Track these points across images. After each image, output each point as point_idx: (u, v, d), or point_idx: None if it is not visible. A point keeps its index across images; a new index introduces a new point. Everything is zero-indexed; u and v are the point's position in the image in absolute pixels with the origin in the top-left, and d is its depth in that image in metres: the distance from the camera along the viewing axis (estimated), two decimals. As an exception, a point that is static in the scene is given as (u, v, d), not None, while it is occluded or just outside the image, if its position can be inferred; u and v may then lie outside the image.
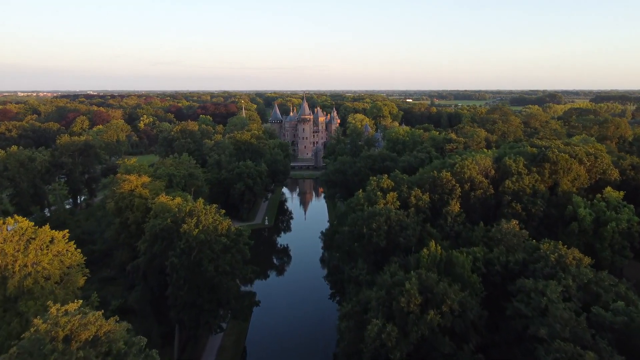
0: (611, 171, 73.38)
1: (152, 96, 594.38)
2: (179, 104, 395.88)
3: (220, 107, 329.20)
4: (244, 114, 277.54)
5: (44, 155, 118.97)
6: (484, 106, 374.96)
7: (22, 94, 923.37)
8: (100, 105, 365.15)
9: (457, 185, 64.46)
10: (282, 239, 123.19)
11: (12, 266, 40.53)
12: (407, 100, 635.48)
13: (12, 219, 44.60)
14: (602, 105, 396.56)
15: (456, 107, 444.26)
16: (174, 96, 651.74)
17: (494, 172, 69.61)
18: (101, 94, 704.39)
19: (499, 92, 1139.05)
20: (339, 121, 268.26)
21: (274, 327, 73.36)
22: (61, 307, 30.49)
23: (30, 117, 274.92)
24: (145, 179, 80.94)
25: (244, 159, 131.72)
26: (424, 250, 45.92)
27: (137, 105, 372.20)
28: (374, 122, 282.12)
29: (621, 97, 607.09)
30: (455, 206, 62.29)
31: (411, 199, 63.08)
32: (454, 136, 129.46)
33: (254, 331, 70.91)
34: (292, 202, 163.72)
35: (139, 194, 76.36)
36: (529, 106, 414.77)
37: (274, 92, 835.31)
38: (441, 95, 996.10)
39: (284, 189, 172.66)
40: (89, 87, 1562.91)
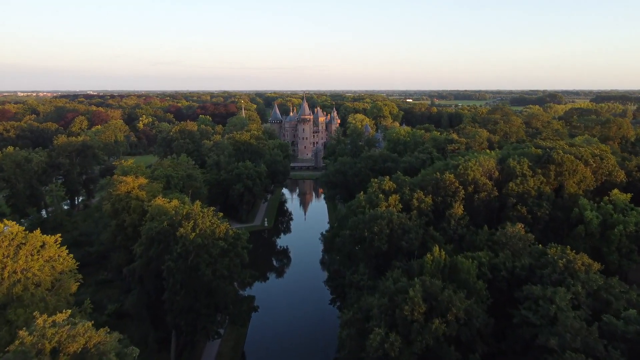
0: (617, 173, 71.92)
1: (151, 96, 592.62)
2: (179, 104, 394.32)
3: (219, 107, 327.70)
4: (244, 114, 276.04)
5: (40, 156, 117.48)
6: (484, 106, 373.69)
7: (22, 94, 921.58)
8: (99, 105, 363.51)
9: (461, 187, 62.96)
10: (282, 241, 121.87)
11: (1, 273, 39.08)
12: (407, 100, 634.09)
13: (1, 224, 43.12)
14: (603, 105, 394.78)
15: (456, 107, 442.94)
16: (174, 96, 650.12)
17: (497, 173, 68.09)
18: (101, 94, 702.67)
19: (499, 92, 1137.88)
20: (339, 121, 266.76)
21: (274, 330, 72.02)
22: (48, 317, 29.00)
23: (28, 117, 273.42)
24: (142, 181, 79.54)
25: (243, 159, 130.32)
26: (427, 255, 44.45)
27: (136, 105, 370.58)
28: (374, 122, 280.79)
29: (622, 97, 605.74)
30: (458, 209, 60.82)
31: (413, 201, 61.61)
32: (455, 137, 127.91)
33: (253, 335, 69.54)
34: (292, 203, 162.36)
35: (136, 196, 74.99)
36: (530, 106, 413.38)
37: (274, 92, 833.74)
38: (441, 95, 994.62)
39: (284, 190, 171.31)
40: (89, 87, 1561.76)
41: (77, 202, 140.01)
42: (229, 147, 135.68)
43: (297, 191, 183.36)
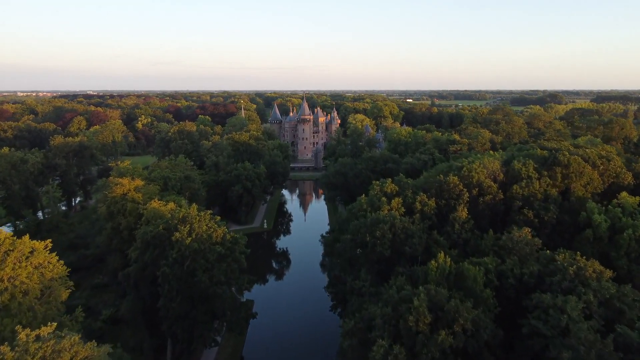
0: (624, 175, 70.12)
1: (151, 96, 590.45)
2: (178, 104, 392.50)
3: (219, 107, 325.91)
4: (243, 114, 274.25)
5: (36, 156, 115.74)
6: (484, 106, 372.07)
7: (22, 94, 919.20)
8: (98, 105, 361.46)
9: (465, 190, 61.19)
10: (282, 242, 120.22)
11: (-13, 281, 37.41)
12: (408, 100, 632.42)
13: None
14: (603, 105, 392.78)
15: (457, 107, 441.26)
16: (174, 96, 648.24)
17: (502, 176, 66.32)
18: (101, 94, 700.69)
19: (499, 92, 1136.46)
20: (339, 121, 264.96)
21: (273, 334, 70.40)
22: (32, 331, 27.28)
23: (27, 117, 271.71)
24: (138, 183, 77.87)
25: (242, 160, 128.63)
26: (432, 262, 42.70)
27: (135, 105, 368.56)
28: (374, 122, 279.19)
29: (622, 97, 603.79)
30: (462, 212, 59.06)
31: (416, 204, 59.87)
32: (457, 137, 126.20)
33: (252, 340, 67.84)
34: (292, 204, 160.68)
35: (132, 198, 73.33)
36: (531, 106, 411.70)
37: (274, 92, 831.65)
38: (441, 95, 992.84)
39: (284, 191, 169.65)
40: (89, 87, 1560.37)
41: (74, 203, 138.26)
42: (228, 148, 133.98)
43: (297, 192, 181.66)
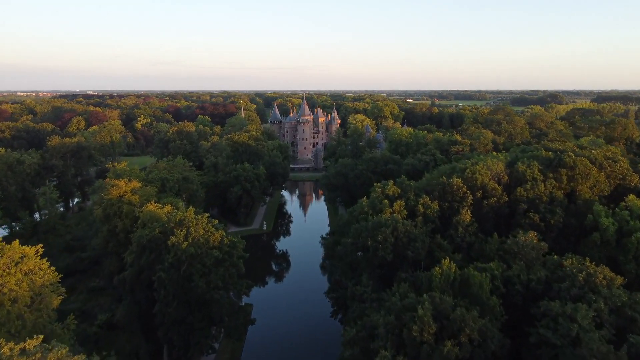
0: (631, 177, 68.63)
1: (151, 96, 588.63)
2: (178, 104, 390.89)
3: (219, 108, 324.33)
4: (243, 114, 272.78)
5: (33, 157, 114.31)
6: (485, 106, 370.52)
7: (22, 94, 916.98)
8: (98, 105, 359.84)
9: (469, 192, 59.75)
10: (281, 244, 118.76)
11: (-26, 289, 36.00)
12: (408, 100, 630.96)
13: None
14: (604, 105, 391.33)
15: (457, 107, 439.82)
16: (174, 96, 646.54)
17: (507, 178, 64.87)
18: (100, 94, 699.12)
19: (499, 92, 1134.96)
20: (339, 122, 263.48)
21: (272, 338, 68.82)
22: (16, 345, 25.83)
23: (25, 117, 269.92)
24: (135, 184, 76.49)
25: (241, 161, 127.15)
26: (436, 268, 41.25)
27: (135, 105, 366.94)
28: (374, 122, 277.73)
29: (623, 98, 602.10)
30: (466, 215, 57.65)
31: (419, 207, 58.45)
32: (459, 138, 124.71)
33: (250, 345, 66.21)
34: (292, 205, 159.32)
35: (128, 200, 71.95)
36: (531, 106, 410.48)
37: (274, 92, 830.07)
38: (441, 95, 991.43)
39: (284, 192, 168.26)
40: (89, 87, 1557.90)
41: (71, 204, 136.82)
42: (227, 149, 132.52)
43: (297, 193, 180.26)
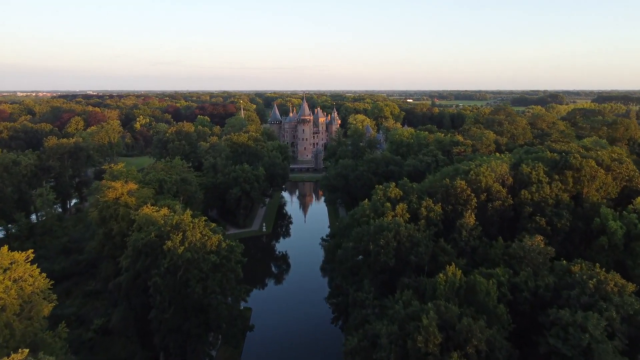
0: (638, 178, 67.14)
1: (150, 96, 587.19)
2: (177, 104, 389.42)
3: (218, 108, 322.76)
4: (243, 115, 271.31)
5: (29, 158, 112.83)
6: (485, 106, 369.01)
7: (22, 94, 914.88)
8: (97, 105, 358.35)
9: (473, 195, 58.29)
10: (281, 246, 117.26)
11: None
12: (408, 100, 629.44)
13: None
14: (605, 105, 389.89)
15: (457, 107, 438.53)
16: (173, 96, 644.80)
17: (511, 180, 63.37)
18: (100, 94, 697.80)
19: (499, 92, 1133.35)
20: (339, 122, 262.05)
21: (271, 345, 67.23)
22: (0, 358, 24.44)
23: (24, 117, 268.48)
24: (131, 186, 75.01)
25: (240, 162, 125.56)
26: (440, 275, 39.79)
27: (134, 105, 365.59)
28: (375, 123, 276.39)
29: (623, 98, 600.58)
30: (470, 218, 56.18)
31: (422, 210, 57.00)
32: (460, 138, 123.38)
33: (249, 351, 64.74)
34: (292, 206, 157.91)
35: (125, 203, 70.52)
36: (532, 106, 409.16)
37: (274, 92, 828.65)
38: (442, 95, 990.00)
39: (283, 192, 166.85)
40: (89, 87, 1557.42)
41: (69, 206, 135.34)
42: (226, 149, 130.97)
43: (297, 193, 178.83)
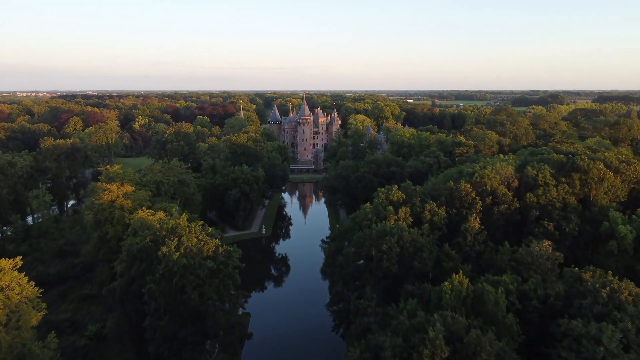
0: (646, 181, 65.58)
1: (150, 96, 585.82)
2: (177, 105, 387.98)
3: (218, 108, 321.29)
4: (242, 115, 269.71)
5: (25, 159, 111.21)
6: (486, 107, 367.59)
7: (22, 94, 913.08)
8: (96, 105, 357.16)
9: (478, 198, 56.65)
10: (281, 248, 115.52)
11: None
12: (409, 100, 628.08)
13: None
14: (606, 105, 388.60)
15: (458, 107, 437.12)
16: (173, 96, 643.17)
17: (517, 182, 61.72)
18: (100, 94, 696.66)
19: (499, 92, 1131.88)
20: (339, 122, 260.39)
21: (270, 351, 65.53)
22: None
23: (22, 118, 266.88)
24: (127, 188, 73.33)
25: (239, 163, 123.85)
26: (446, 284, 38.11)
27: (133, 105, 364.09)
28: (375, 123, 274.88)
29: (624, 98, 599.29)
30: (475, 222, 54.56)
31: (425, 213, 55.37)
32: (462, 139, 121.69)
33: (248, 354, 63.05)
34: (291, 207, 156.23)
35: (120, 205, 68.88)
36: (533, 107, 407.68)
37: (274, 93, 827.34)
38: (442, 95, 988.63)
39: (283, 193, 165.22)
40: (89, 87, 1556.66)
41: (66, 207, 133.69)
42: (225, 150, 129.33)
43: (297, 194, 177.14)
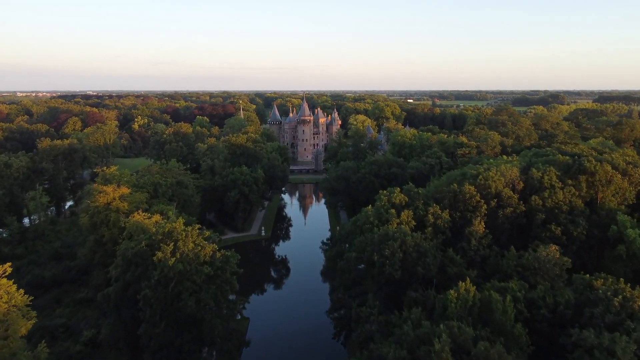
0: (654, 183, 64.08)
1: (150, 96, 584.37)
2: (176, 105, 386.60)
3: (217, 108, 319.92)
4: (242, 115, 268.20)
5: (21, 160, 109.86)
6: (486, 107, 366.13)
7: (22, 94, 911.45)
8: (96, 105, 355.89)
9: (483, 201, 55.17)
10: (281, 249, 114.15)
11: None
12: (409, 100, 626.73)
13: None
14: (607, 105, 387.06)
15: (458, 107, 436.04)
16: (173, 96, 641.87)
17: (522, 184, 60.21)
18: (100, 94, 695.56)
19: (500, 92, 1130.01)
20: (340, 122, 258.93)
21: (270, 356, 64.14)
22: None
23: (21, 118, 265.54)
24: (124, 190, 71.88)
25: (239, 164, 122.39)
26: (451, 292, 36.62)
27: (133, 105, 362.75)
28: (376, 123, 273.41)
29: (625, 98, 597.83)
30: (479, 226, 53.13)
31: (428, 217, 53.90)
32: (464, 140, 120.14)
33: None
34: (291, 208, 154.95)
35: (116, 208, 67.43)
36: (534, 107, 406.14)
37: (274, 93, 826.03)
38: (442, 95, 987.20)
39: (283, 194, 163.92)
40: (89, 87, 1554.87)
41: (63, 209, 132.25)
42: (224, 151, 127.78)
43: (297, 195, 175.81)
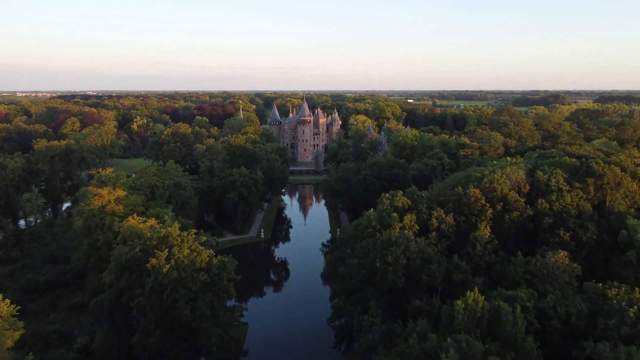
0: (662, 185, 62.32)
1: (149, 96, 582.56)
2: (176, 105, 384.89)
3: (217, 108, 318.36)
4: (242, 115, 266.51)
5: (16, 162, 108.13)
6: (487, 107, 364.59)
7: (21, 94, 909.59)
8: (95, 105, 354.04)
9: (488, 205, 53.47)
10: (281, 252, 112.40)
11: None
12: (409, 100, 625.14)
13: None
14: (608, 105, 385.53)
15: (459, 107, 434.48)
16: (173, 96, 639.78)
17: (528, 187, 58.50)
18: (100, 94, 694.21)
19: (500, 93, 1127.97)
20: (340, 123, 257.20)
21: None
22: None
23: (19, 118, 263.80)
24: (120, 193, 70.26)
25: (238, 165, 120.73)
26: (458, 302, 34.90)
27: (132, 106, 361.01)
28: (376, 123, 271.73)
29: (625, 98, 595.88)
30: (485, 230, 51.43)
31: (432, 221, 52.20)
32: (466, 141, 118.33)
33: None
34: (291, 210, 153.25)
35: (111, 211, 65.85)
36: (535, 107, 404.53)
37: (274, 93, 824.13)
38: (442, 95, 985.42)
39: (283, 195, 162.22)
40: (89, 87, 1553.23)
41: (60, 210, 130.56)
42: (223, 152, 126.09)
43: (297, 196, 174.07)
